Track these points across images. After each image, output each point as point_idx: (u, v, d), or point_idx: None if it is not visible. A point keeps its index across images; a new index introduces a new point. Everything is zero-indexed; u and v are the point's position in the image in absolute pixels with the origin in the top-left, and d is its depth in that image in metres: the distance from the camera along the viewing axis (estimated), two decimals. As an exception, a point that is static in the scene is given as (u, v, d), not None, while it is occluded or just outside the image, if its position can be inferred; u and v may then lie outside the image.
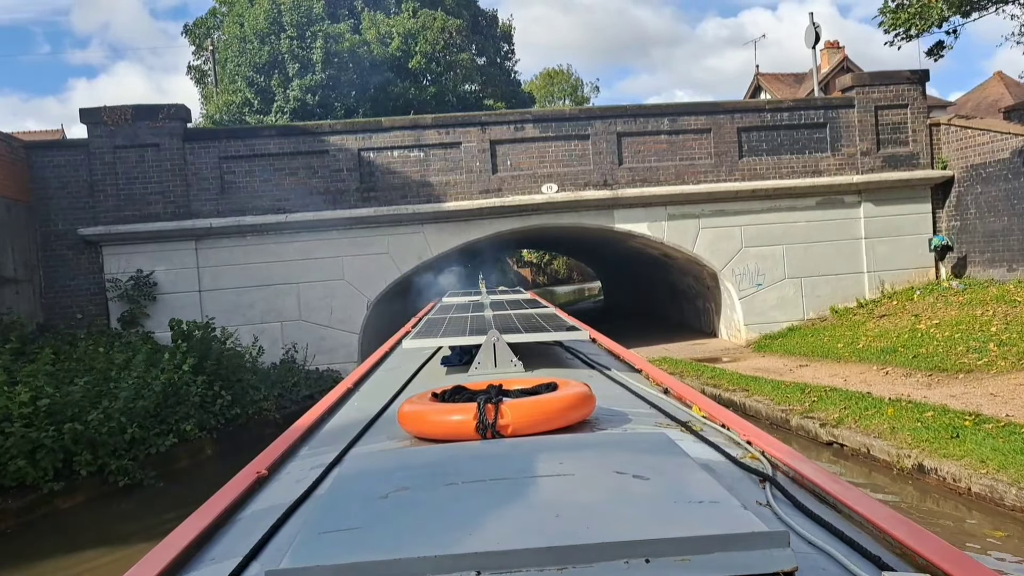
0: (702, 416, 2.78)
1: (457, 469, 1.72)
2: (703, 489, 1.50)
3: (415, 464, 1.84)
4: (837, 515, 1.82)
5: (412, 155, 16.28)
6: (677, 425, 2.60)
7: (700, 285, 19.33)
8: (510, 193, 16.42)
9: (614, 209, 16.86)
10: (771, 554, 1.25)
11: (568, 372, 3.58)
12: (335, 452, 2.47)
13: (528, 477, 1.66)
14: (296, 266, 15.89)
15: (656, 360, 15.83)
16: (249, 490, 2.26)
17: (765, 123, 17.18)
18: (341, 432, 2.86)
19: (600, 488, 1.56)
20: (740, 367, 14.53)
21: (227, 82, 34.54)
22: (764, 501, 1.84)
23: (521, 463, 1.75)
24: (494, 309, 5.81)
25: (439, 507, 1.49)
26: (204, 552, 1.83)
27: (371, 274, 16.13)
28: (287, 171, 15.91)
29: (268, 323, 15.79)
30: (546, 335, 3.97)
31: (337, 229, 16.02)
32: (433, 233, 16.35)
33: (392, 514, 1.47)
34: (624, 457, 1.75)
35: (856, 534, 1.65)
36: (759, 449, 2.29)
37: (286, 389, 14.42)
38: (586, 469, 1.69)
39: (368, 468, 1.85)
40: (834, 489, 1.89)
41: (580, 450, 1.90)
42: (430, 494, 1.57)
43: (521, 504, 1.51)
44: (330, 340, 15.95)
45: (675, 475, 1.61)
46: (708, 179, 16.99)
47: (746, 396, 11.95)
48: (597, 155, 16.69)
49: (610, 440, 2.12)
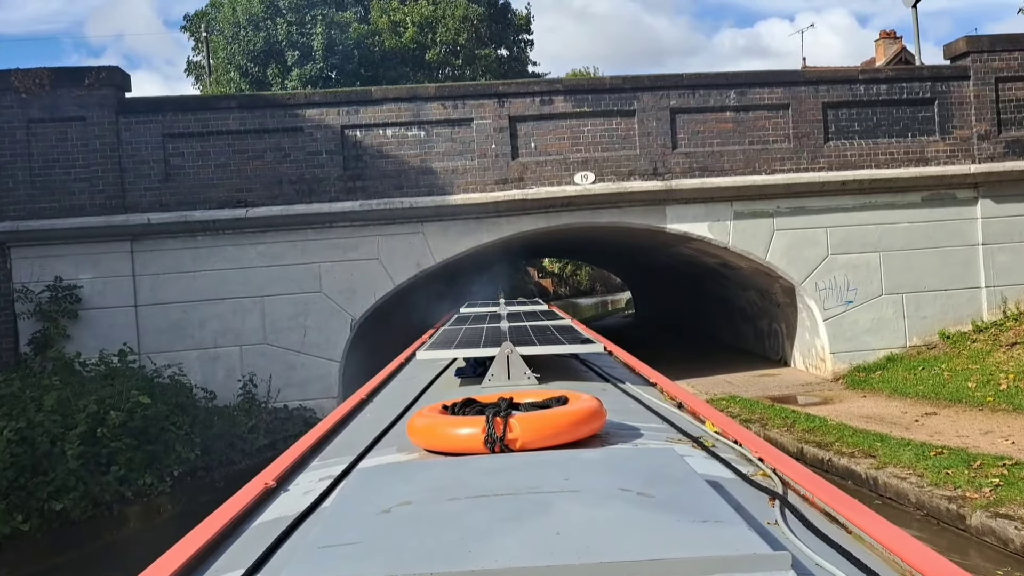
0: (715, 432, 2.70)
1: (462, 484, 1.71)
2: (708, 508, 1.49)
3: (420, 478, 1.81)
4: (848, 536, 1.77)
5: (410, 135, 12.81)
6: (689, 440, 2.55)
7: (766, 302, 15.68)
8: (534, 184, 12.91)
9: (666, 205, 13.28)
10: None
11: (582, 385, 3.52)
12: (344, 464, 2.43)
13: (532, 493, 1.63)
14: (260, 275, 12.44)
15: (721, 400, 12.23)
16: (256, 502, 2.22)
17: (857, 97, 13.56)
18: (351, 444, 2.82)
19: (604, 505, 1.53)
20: (840, 413, 10.88)
21: (220, 72, 31.42)
22: (773, 520, 1.75)
23: (526, 478, 1.73)
24: (511, 320, 5.65)
25: (441, 523, 1.49)
26: (207, 564, 1.81)
27: (356, 286, 12.65)
28: (250, 153, 12.49)
29: (223, 348, 12.34)
30: (561, 348, 3.89)
31: (314, 228, 12.56)
32: (436, 234, 12.85)
33: (393, 529, 1.47)
34: (631, 473, 1.73)
35: (866, 556, 1.61)
36: (771, 467, 2.22)
37: (238, 437, 10.93)
38: (591, 485, 1.66)
39: (373, 482, 1.85)
40: (846, 510, 1.83)
41: (587, 465, 1.84)
42: (433, 509, 1.57)
43: (523, 521, 1.46)
44: (303, 370, 12.47)
45: (681, 493, 1.59)
46: (785, 168, 13.38)
47: (874, 467, 8.30)
48: (645, 136, 13.14)
49: (618, 456, 2.03)
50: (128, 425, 8.97)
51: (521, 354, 3.58)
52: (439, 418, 2.38)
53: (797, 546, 1.59)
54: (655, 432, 2.65)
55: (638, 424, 2.72)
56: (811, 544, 1.61)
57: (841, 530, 1.79)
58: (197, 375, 12.15)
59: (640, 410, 3.11)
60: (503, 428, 2.16)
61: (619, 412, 2.85)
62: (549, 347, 3.85)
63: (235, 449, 10.69)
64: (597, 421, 2.37)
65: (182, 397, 10.67)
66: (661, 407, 3.15)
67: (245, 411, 11.66)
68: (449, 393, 3.25)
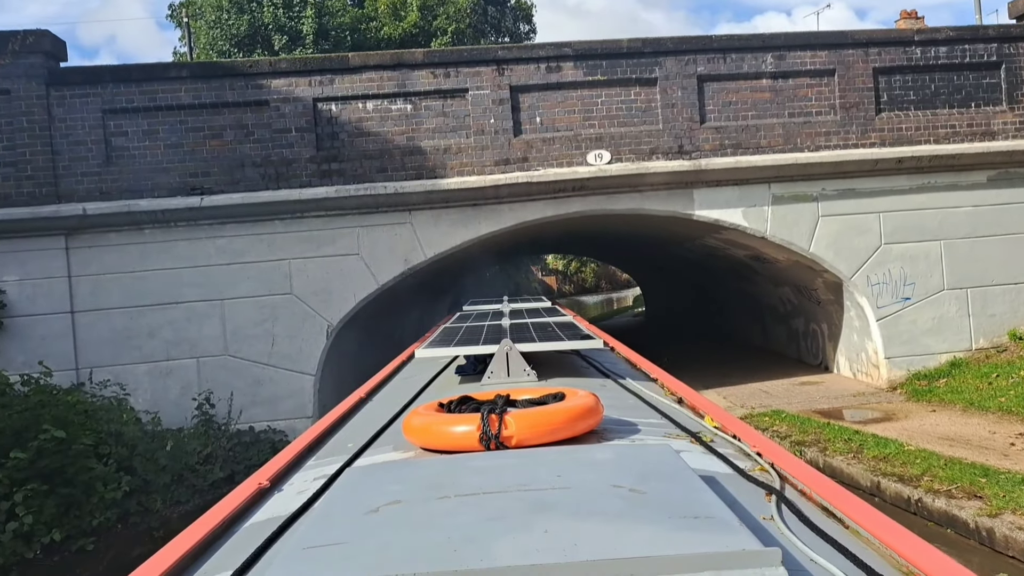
0: (714, 427, 2.70)
1: (454, 482, 1.69)
2: (701, 504, 1.47)
3: (412, 477, 1.78)
4: (845, 531, 1.75)
5: (395, 108, 10.96)
6: (687, 436, 2.53)
7: (803, 299, 13.82)
8: (540, 165, 11.06)
9: (693, 188, 11.43)
10: (762, 572, 1.21)
11: (581, 382, 3.47)
12: (339, 463, 2.41)
13: (524, 491, 1.60)
14: (220, 275, 10.60)
15: (763, 416, 10.42)
16: (249, 502, 2.20)
17: (913, 61, 11.69)
18: (347, 443, 2.79)
19: (595, 503, 1.51)
20: (913, 434, 9.03)
21: (201, 58, 29.60)
22: (769, 515, 1.73)
23: (519, 476, 1.70)
24: (512, 318, 5.54)
25: (429, 522, 1.46)
26: (198, 564, 1.80)
27: (333, 286, 10.81)
28: (207, 132, 10.64)
29: (177, 360, 10.50)
30: (561, 344, 3.82)
31: (282, 219, 10.73)
32: (426, 224, 11.01)
33: (380, 529, 1.45)
34: (624, 470, 1.71)
35: (862, 551, 1.58)
36: (768, 461, 2.19)
37: (189, 469, 9.10)
38: (584, 483, 1.63)
39: (364, 481, 1.81)
40: (844, 505, 1.82)
41: (581, 462, 1.81)
42: (422, 508, 1.55)
43: (513, 519, 1.44)
44: (271, 386, 10.63)
45: (674, 489, 1.57)
46: (831, 144, 11.52)
47: (986, 512, 6.43)
48: (668, 108, 11.29)
49: (613, 452, 1.99)
50: (37, 466, 7.13)
51: (521, 351, 3.57)
52: (435, 416, 2.34)
53: (791, 541, 1.56)
54: (653, 428, 2.64)
55: (636, 420, 2.70)
56: (806, 539, 1.58)
57: (838, 525, 1.78)
58: (146, 393, 10.33)
59: (639, 406, 3.10)
60: (498, 425, 2.13)
61: (618, 408, 2.86)
62: (549, 344, 3.80)
63: (183, 485, 8.86)
64: (593, 417, 2.33)
65: (117, 424, 8.80)
66: (660, 403, 3.15)
67: (201, 436, 9.82)
68: (448, 391, 3.25)
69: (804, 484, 1.99)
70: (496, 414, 2.15)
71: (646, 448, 2.11)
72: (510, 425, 2.13)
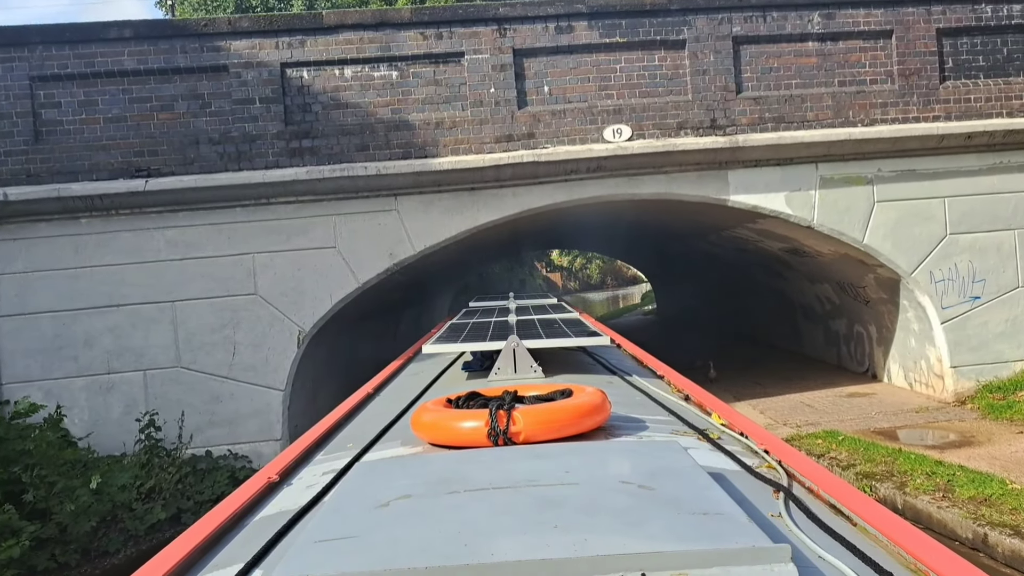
0: (721, 424, 2.68)
1: (463, 477, 1.69)
2: (709, 500, 1.46)
3: (421, 472, 1.78)
4: (853, 529, 1.72)
5: (378, 75, 9.31)
6: (694, 433, 2.50)
7: (847, 297, 12.16)
8: (549, 142, 9.41)
9: (729, 169, 9.78)
10: (772, 569, 1.20)
11: (588, 378, 3.48)
12: (348, 458, 2.40)
13: (532, 486, 1.59)
14: (170, 272, 8.98)
15: (814, 438, 8.82)
16: (259, 495, 2.20)
17: (983, 21, 10.01)
18: (356, 438, 2.80)
19: (604, 498, 1.50)
20: (1008, 463, 7.39)
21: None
22: (777, 513, 1.72)
23: (527, 472, 1.69)
24: (519, 314, 5.51)
25: (439, 516, 1.46)
26: (208, 557, 1.79)
27: (306, 285, 9.18)
28: (155, 103, 9.01)
29: (120, 373, 8.88)
30: (568, 341, 3.79)
31: (245, 206, 9.10)
32: (415, 213, 9.37)
33: (390, 523, 1.44)
34: (632, 466, 1.71)
35: (871, 549, 1.56)
36: (776, 459, 2.17)
37: (123, 508, 7.47)
38: (592, 478, 1.63)
39: (374, 475, 1.81)
40: (851, 502, 1.79)
41: (588, 459, 1.81)
42: (432, 502, 1.55)
43: (521, 514, 1.44)
44: (231, 403, 9.00)
45: (682, 486, 1.56)
46: (889, 117, 9.86)
47: None
48: (699, 76, 9.63)
49: (621, 449, 2.00)
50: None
51: (528, 347, 3.54)
52: (443, 412, 2.33)
53: (800, 538, 1.55)
54: (660, 425, 2.61)
55: (643, 417, 2.69)
56: (814, 536, 1.57)
57: (846, 522, 1.76)
58: (83, 413, 8.72)
59: (646, 403, 3.06)
60: (506, 421, 2.12)
61: (625, 405, 2.86)
62: (556, 340, 3.75)
63: (115, 529, 7.24)
64: (601, 414, 2.32)
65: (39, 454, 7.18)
66: (667, 399, 3.12)
67: (144, 464, 8.20)
68: (455, 387, 3.28)
69: (812, 481, 1.96)
70: (504, 410, 2.16)
71: (654, 444, 2.05)
72: (518, 421, 2.13)
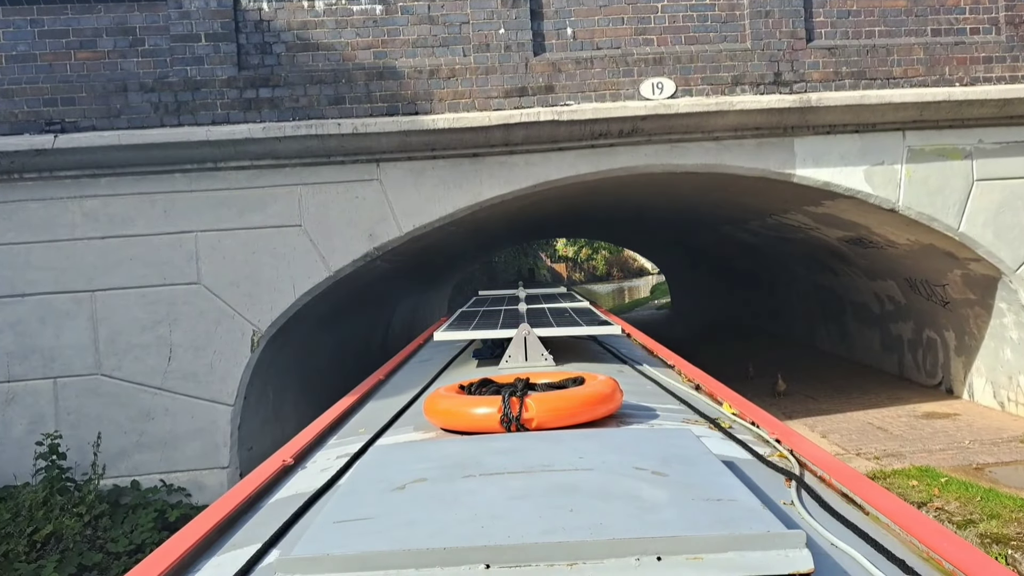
0: (732, 413, 2.71)
1: (477, 461, 1.70)
2: (722, 487, 1.48)
3: (436, 456, 1.81)
4: (865, 517, 1.74)
5: (357, 10, 7.38)
6: (705, 421, 2.54)
7: (918, 296, 10.24)
8: (572, 97, 7.48)
9: (795, 136, 7.84)
10: (787, 555, 1.21)
11: (599, 367, 3.50)
12: (361, 442, 2.44)
13: (547, 471, 1.61)
14: (89, 253, 7.08)
15: (903, 475, 6.97)
16: (274, 478, 2.22)
17: (1112, -42, 8.05)
18: (368, 423, 2.82)
19: (618, 484, 1.52)
20: None
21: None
22: (789, 501, 1.74)
23: (541, 457, 1.72)
24: (529, 303, 5.50)
25: (454, 499, 1.47)
26: (226, 537, 1.81)
27: (263, 272, 7.28)
28: (71, 39, 7.08)
29: (22, 381, 6.99)
30: (578, 329, 3.81)
31: (186, 171, 7.18)
32: (403, 183, 7.46)
33: (407, 505, 1.46)
34: (646, 453, 1.72)
35: (882, 536, 1.58)
36: (787, 447, 2.20)
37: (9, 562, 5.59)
38: (606, 464, 1.65)
39: (389, 459, 1.83)
40: (862, 490, 1.81)
41: (602, 445, 1.83)
42: (447, 486, 1.55)
43: (536, 498, 1.45)
44: (166, 420, 7.10)
45: (695, 472, 1.58)
46: (993, 74, 7.92)
47: None
48: (760, 18, 7.69)
49: (633, 435, 2.00)
50: None
51: (538, 336, 3.55)
52: (456, 398, 2.36)
53: (812, 526, 1.56)
54: (672, 413, 2.63)
55: (655, 405, 2.71)
56: (827, 524, 1.59)
57: (858, 511, 1.77)
58: (-25, 431, 6.83)
59: (657, 391, 3.09)
60: (519, 408, 2.15)
61: (636, 393, 2.88)
62: (566, 329, 3.77)
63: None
64: (613, 402, 2.35)
65: None
66: (678, 388, 3.14)
67: (44, 503, 6.32)
68: (467, 374, 3.31)
69: (823, 470, 1.98)
70: (517, 396, 2.18)
71: (667, 432, 2.04)
72: (531, 408, 2.16)
